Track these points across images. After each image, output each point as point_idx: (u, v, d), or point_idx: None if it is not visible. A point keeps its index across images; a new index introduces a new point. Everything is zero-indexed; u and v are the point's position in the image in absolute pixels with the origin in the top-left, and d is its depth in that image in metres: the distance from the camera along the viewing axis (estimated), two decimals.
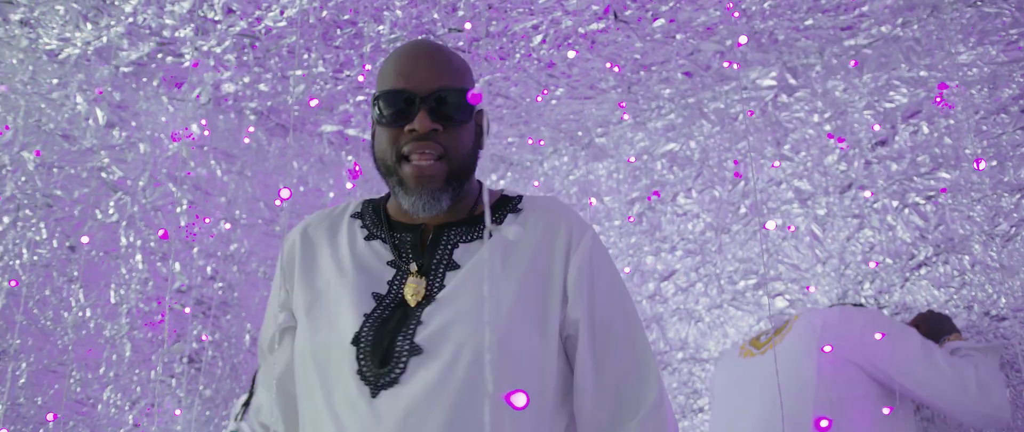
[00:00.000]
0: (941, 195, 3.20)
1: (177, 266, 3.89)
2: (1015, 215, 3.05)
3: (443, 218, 1.47)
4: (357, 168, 4.58)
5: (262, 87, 3.98)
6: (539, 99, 3.93)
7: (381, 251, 1.47)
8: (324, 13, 3.35)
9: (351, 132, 4.48)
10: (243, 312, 4.07)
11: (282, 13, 3.37)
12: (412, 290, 1.38)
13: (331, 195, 4.51)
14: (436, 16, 3.32)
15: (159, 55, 3.70)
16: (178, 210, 3.98)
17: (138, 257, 3.78)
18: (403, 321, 1.35)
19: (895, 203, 3.32)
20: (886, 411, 2.36)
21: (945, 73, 3.30)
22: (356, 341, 1.35)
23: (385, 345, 1.32)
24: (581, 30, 3.39)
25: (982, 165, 3.08)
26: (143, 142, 3.93)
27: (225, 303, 4.02)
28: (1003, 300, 3.00)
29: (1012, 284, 3.01)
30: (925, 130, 3.31)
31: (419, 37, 3.38)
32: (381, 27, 3.43)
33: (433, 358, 1.29)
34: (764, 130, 3.80)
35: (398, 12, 3.31)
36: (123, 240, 3.77)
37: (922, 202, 3.26)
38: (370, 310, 1.39)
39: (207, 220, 4.03)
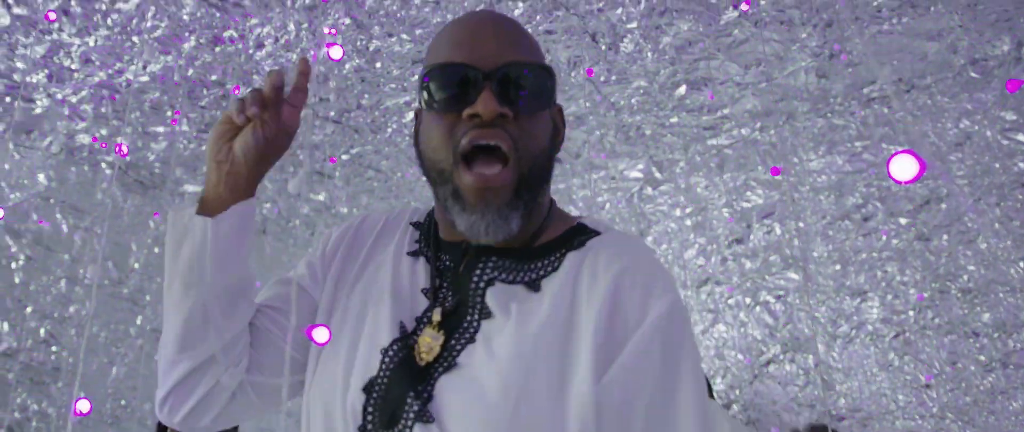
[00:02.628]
0: (789, 295, 3.33)
1: (4, 326, 3.59)
2: (855, 318, 3.18)
3: (507, 242, 1.10)
4: None
5: (120, 141, 3.80)
6: (409, 174, 3.90)
7: (420, 273, 1.14)
8: (190, 72, 3.24)
9: None
10: (77, 380, 3.78)
11: (145, 67, 3.24)
12: (426, 345, 1.05)
13: None
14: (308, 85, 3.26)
15: (7, 99, 3.48)
16: (13, 265, 3.69)
17: None
18: (419, 375, 1.02)
19: (748, 300, 3.43)
20: None
21: (797, 178, 3.46)
22: (369, 388, 1.04)
23: (394, 398, 1.01)
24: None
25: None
26: None
27: (57, 369, 3.72)
28: (842, 400, 3.11)
29: (851, 385, 3.12)
30: (777, 231, 3.46)
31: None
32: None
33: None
34: (629, 220, 3.88)
35: None
36: None
37: (772, 300, 3.37)
38: (387, 346, 1.06)
39: (46, 278, 3.76)
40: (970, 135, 3.14)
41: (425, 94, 1.08)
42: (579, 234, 1.11)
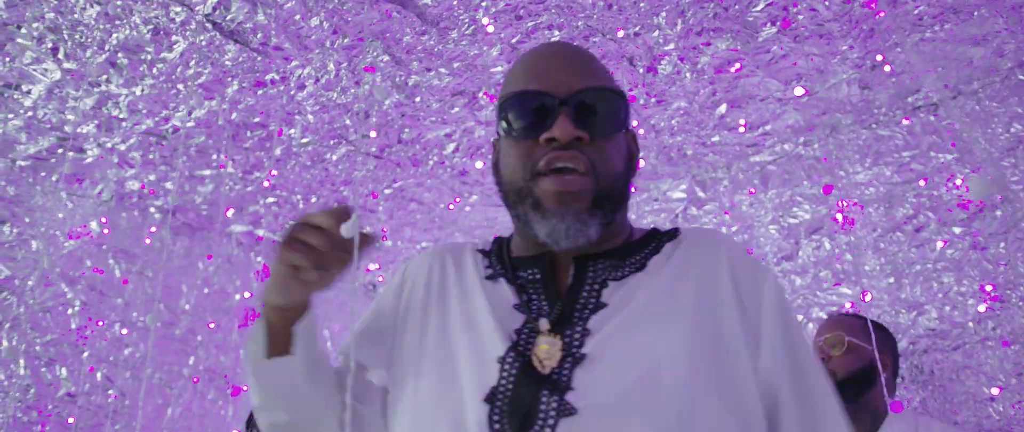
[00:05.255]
0: (844, 311, 3.26)
1: (64, 372, 3.66)
2: (912, 331, 3.11)
3: (586, 249, 1.14)
4: (266, 270, 4.45)
5: (168, 185, 3.87)
6: (452, 206, 3.91)
7: (506, 293, 1.16)
8: (234, 115, 3.30)
9: (261, 232, 4.37)
10: (134, 422, 3.83)
11: (190, 114, 3.31)
12: (544, 353, 1.05)
13: (237, 298, 4.35)
14: (348, 122, 3.31)
15: (60, 150, 3.58)
16: (70, 312, 3.77)
17: (21, 362, 3.55)
18: (544, 379, 1.03)
19: (800, 318, 3.36)
20: None
21: (844, 191, 3.41)
22: (491, 398, 1.03)
23: (527, 402, 1.01)
24: (494, 140, 3.41)
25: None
26: (36, 239, 3.74)
27: (116, 412, 3.78)
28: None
29: (913, 400, 3.04)
30: (827, 246, 3.40)
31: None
32: (292, 130, 3.39)
33: (590, 423, 0.98)
34: None
35: (309, 117, 3.28)
36: (4, 343, 3.53)
37: (825, 317, 3.31)
38: (503, 355, 1.07)
39: (101, 323, 3.83)
40: (1022, 139, 3.07)
41: (503, 122, 1.15)
42: (659, 233, 1.19)
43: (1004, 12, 2.88)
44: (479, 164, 3.47)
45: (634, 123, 3.33)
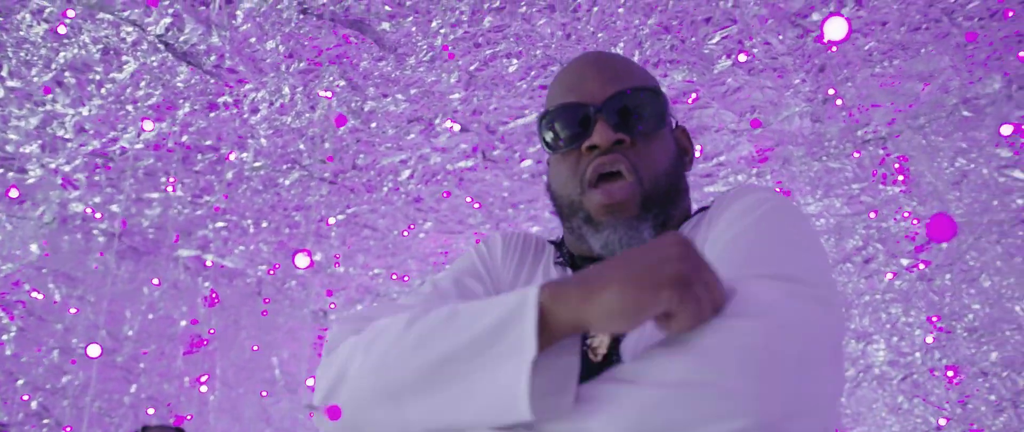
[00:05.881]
0: None
1: None
2: (861, 361, 3.15)
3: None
4: (214, 296, 4.34)
5: (114, 208, 3.77)
6: (406, 233, 3.87)
7: None
8: (185, 138, 3.23)
9: (209, 258, 4.27)
10: None
11: (139, 135, 3.23)
12: (597, 342, 1.06)
13: (183, 324, 4.24)
14: (302, 147, 3.26)
15: (0, 170, 3.46)
16: (5, 337, 3.63)
17: None
18: (597, 368, 0.98)
19: None
20: None
21: None
22: None
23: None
24: (449, 167, 3.39)
25: None
26: None
27: None
28: None
29: (860, 430, 3.08)
30: None
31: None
32: (245, 154, 3.32)
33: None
34: None
35: (263, 140, 3.23)
36: None
37: None
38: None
39: (38, 350, 3.69)
40: (966, 173, 3.15)
41: (548, 136, 1.16)
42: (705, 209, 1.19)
43: (949, 50, 2.97)
44: (449, 194, 3.45)
45: None
